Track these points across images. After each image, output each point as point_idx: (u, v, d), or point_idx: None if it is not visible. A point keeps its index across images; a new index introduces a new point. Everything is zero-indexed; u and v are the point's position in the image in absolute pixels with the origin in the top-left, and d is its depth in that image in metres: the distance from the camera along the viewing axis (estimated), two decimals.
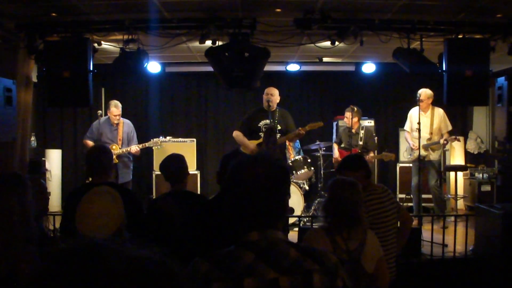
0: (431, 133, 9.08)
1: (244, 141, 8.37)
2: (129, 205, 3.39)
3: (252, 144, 8.26)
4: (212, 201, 4.48)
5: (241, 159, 2.06)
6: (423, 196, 9.07)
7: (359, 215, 3.61)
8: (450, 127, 9.14)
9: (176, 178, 4.76)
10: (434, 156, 9.16)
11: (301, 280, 1.84)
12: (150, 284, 0.99)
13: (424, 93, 8.95)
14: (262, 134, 8.23)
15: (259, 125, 8.40)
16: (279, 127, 8.31)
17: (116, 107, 8.81)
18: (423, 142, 8.97)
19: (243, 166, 2.01)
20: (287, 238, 2.03)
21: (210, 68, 7.41)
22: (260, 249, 1.88)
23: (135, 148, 8.90)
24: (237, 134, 8.54)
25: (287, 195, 2.03)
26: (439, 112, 9.10)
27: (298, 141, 10.21)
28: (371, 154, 9.12)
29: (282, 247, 1.90)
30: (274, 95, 8.42)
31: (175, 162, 4.79)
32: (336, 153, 9.72)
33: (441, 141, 8.94)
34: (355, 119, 9.27)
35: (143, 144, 9.07)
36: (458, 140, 9.36)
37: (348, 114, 9.25)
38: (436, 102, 9.03)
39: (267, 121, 8.35)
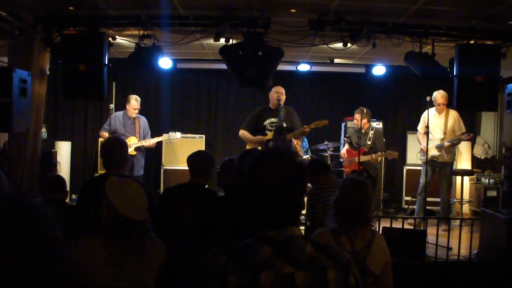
0: (444, 134, 9.11)
1: (251, 138, 8.39)
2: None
3: (259, 139, 8.29)
4: (222, 198, 4.59)
5: (257, 155, 2.01)
6: (429, 199, 9.12)
7: (367, 215, 3.66)
8: (464, 129, 9.14)
9: (196, 172, 4.87)
10: (447, 157, 9.17)
11: (316, 275, 1.87)
12: None
13: (441, 94, 9.05)
14: (268, 133, 8.28)
15: (264, 123, 8.42)
16: (284, 125, 8.33)
17: (136, 101, 9.12)
18: (437, 143, 9.08)
19: (259, 165, 1.97)
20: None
21: (221, 66, 7.48)
22: (277, 243, 1.89)
23: (153, 141, 9.17)
24: (243, 132, 8.56)
25: (305, 192, 2.03)
26: (454, 113, 9.10)
27: (306, 140, 10.26)
28: (379, 153, 9.15)
29: (299, 243, 1.92)
30: (283, 94, 8.45)
31: (199, 158, 4.91)
32: (343, 150, 9.78)
33: (462, 137, 8.97)
34: (365, 120, 9.32)
35: (158, 138, 9.26)
36: (471, 139, 9.31)
37: (357, 115, 9.32)
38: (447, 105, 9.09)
39: (273, 119, 8.38)
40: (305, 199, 4.01)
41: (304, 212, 5.64)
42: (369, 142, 9.24)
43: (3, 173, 4.07)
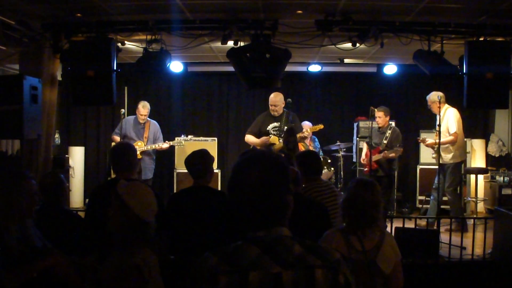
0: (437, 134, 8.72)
1: (256, 141, 8.48)
2: None
3: (264, 140, 8.36)
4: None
5: (238, 161, 2.09)
6: (444, 198, 8.97)
7: (374, 216, 3.65)
8: (453, 129, 8.67)
9: (198, 173, 4.88)
10: (445, 159, 8.85)
11: (304, 275, 1.89)
12: None
13: (428, 98, 8.88)
14: (272, 136, 8.35)
15: (267, 128, 8.50)
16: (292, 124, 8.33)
17: (143, 107, 9.24)
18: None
19: (239, 168, 2.04)
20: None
21: (232, 68, 7.48)
22: (265, 244, 1.94)
23: (166, 144, 9.36)
24: (248, 137, 8.69)
25: (288, 191, 2.04)
26: (448, 113, 8.78)
27: (318, 141, 10.28)
28: (385, 151, 9.01)
29: (287, 243, 1.95)
30: (278, 105, 8.45)
31: (198, 158, 4.90)
32: (363, 155, 9.62)
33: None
34: (387, 118, 9.24)
35: (167, 142, 9.37)
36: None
37: (380, 113, 9.21)
38: (455, 104, 8.93)
39: (275, 124, 8.46)
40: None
41: None
42: (385, 141, 9.13)
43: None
